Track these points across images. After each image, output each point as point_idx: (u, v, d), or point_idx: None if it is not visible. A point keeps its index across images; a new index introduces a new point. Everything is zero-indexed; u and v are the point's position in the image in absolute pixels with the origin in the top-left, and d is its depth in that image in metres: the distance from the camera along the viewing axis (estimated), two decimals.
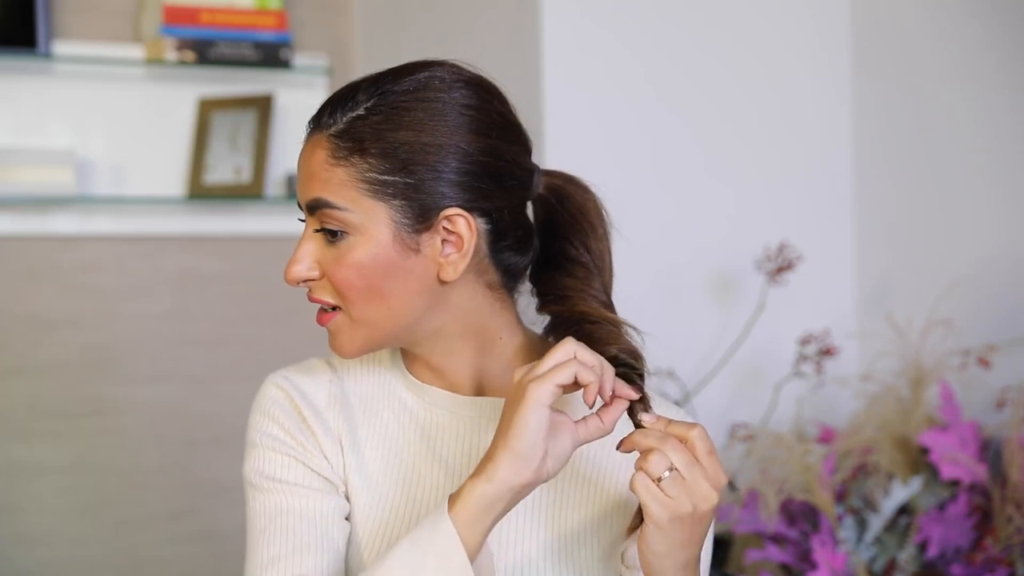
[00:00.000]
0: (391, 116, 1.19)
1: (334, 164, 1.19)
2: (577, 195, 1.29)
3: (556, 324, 1.26)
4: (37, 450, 2.80)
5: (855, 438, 2.12)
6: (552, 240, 1.28)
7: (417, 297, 1.21)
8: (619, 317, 1.25)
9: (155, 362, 2.90)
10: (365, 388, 1.30)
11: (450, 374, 1.27)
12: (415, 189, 1.18)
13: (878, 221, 2.49)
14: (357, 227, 1.19)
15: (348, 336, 1.23)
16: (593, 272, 1.27)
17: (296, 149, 1.27)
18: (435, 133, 1.18)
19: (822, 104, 2.52)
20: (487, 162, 1.20)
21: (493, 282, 1.25)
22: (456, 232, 1.20)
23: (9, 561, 2.76)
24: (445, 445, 1.27)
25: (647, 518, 1.12)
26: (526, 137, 1.26)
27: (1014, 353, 2.16)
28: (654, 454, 1.12)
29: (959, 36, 2.33)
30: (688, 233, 2.41)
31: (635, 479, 1.11)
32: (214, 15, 2.82)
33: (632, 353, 1.19)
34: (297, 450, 1.26)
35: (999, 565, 1.99)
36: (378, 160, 1.18)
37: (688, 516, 1.12)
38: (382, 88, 1.20)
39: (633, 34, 2.38)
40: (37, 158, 2.70)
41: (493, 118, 1.22)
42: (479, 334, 1.26)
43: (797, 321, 2.36)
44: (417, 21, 2.81)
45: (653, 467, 1.11)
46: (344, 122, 1.20)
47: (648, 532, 1.12)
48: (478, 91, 1.22)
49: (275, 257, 2.96)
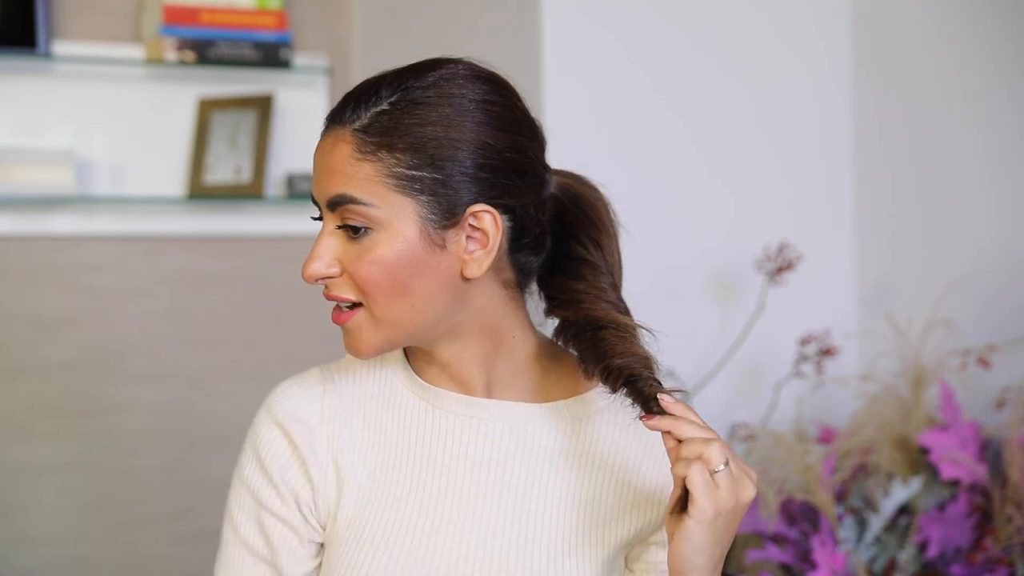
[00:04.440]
0: (416, 111, 1.18)
1: (360, 159, 1.18)
2: (587, 194, 1.29)
3: (565, 328, 1.26)
4: (37, 450, 2.80)
5: (855, 438, 2.12)
6: (561, 240, 1.28)
7: (440, 294, 1.20)
8: (629, 319, 1.24)
9: (155, 362, 2.90)
10: (366, 390, 1.29)
11: (460, 372, 1.26)
12: (443, 185, 1.17)
13: (878, 221, 2.49)
14: (382, 223, 1.17)
15: (368, 335, 1.21)
16: (602, 270, 1.27)
17: (296, 149, 1.26)
18: (462, 128, 1.18)
19: (822, 104, 2.52)
20: (513, 158, 1.20)
21: (508, 281, 1.25)
22: (482, 228, 1.19)
23: (9, 561, 2.76)
24: (446, 448, 1.26)
25: (694, 511, 1.11)
26: (543, 134, 1.26)
27: (1014, 353, 2.16)
28: (714, 445, 1.11)
29: (959, 36, 2.33)
30: (688, 233, 2.41)
31: (693, 469, 1.10)
32: (214, 15, 2.82)
33: (643, 361, 1.19)
34: (276, 506, 1.27)
35: (999, 565, 1.99)
36: (406, 155, 1.17)
37: (730, 511, 1.12)
38: (405, 83, 1.19)
39: (633, 34, 2.38)
40: (37, 158, 2.70)
41: (515, 114, 1.22)
42: (493, 332, 1.25)
43: (797, 321, 2.36)
44: (417, 21, 2.81)
45: (715, 457, 1.11)
46: (368, 117, 1.18)
47: (689, 527, 1.11)
48: (498, 87, 1.22)
49: (275, 257, 2.96)
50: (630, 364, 1.18)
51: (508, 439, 1.26)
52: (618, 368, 1.18)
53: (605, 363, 1.20)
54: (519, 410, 1.27)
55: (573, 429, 1.28)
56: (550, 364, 1.29)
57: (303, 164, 2.93)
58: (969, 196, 2.31)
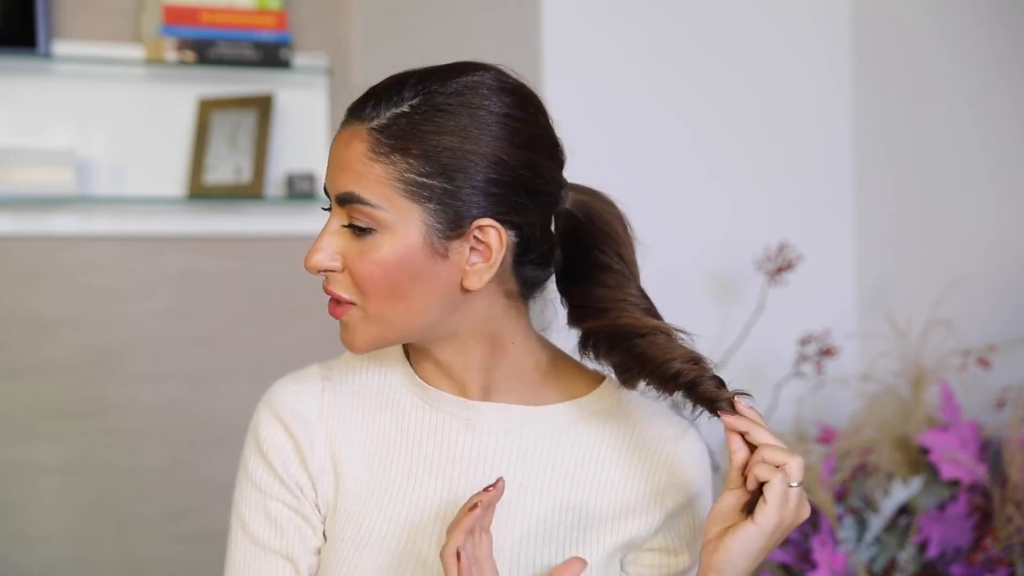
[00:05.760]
0: (435, 118, 1.17)
1: (373, 159, 1.17)
2: (604, 210, 1.28)
3: (598, 340, 1.25)
4: (37, 450, 2.80)
5: (855, 438, 2.12)
6: (579, 252, 1.27)
7: (436, 301, 1.20)
8: (665, 323, 1.23)
9: (155, 362, 2.90)
10: (365, 387, 1.29)
11: (459, 374, 1.26)
12: (451, 195, 1.17)
13: (878, 221, 2.49)
14: (388, 225, 1.17)
15: (361, 331, 1.21)
16: (628, 278, 1.27)
17: (296, 149, 1.26)
18: (478, 141, 1.17)
19: (822, 104, 2.52)
20: (525, 176, 1.19)
21: (511, 291, 1.24)
22: (486, 242, 1.18)
23: (9, 561, 2.76)
24: (443, 449, 1.26)
25: (761, 517, 1.13)
26: (562, 152, 1.25)
27: (1014, 353, 2.17)
28: (797, 459, 1.13)
29: (959, 36, 2.33)
30: (688, 233, 2.41)
31: (777, 478, 1.13)
32: (214, 15, 2.82)
33: (694, 359, 1.19)
34: (283, 495, 1.26)
35: (999, 565, 1.99)
36: (419, 161, 1.16)
37: (788, 527, 1.15)
38: (428, 88, 1.18)
39: (633, 34, 2.38)
40: (37, 158, 2.70)
41: (535, 132, 1.21)
42: (492, 338, 1.25)
43: (797, 321, 2.36)
44: (417, 21, 2.81)
45: (796, 472, 1.13)
46: (387, 117, 1.18)
47: (749, 531, 1.14)
48: (522, 101, 1.21)
49: (275, 257, 2.96)
50: (688, 368, 1.18)
51: (504, 441, 1.26)
52: (674, 373, 1.18)
53: (657, 370, 1.19)
54: (515, 413, 1.27)
55: (569, 432, 1.28)
56: (549, 369, 1.29)
57: (303, 164, 2.93)
58: (969, 196, 2.31)
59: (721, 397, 1.17)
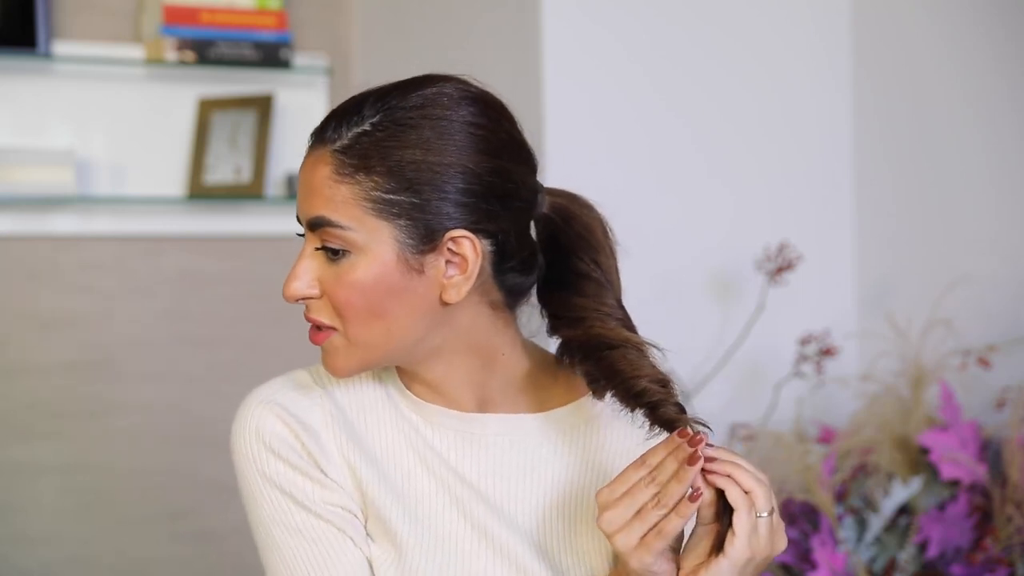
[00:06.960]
0: (397, 133, 1.16)
1: (338, 181, 1.16)
2: (582, 214, 1.26)
3: (572, 348, 1.22)
4: (37, 450, 2.80)
5: (855, 438, 2.12)
6: (558, 258, 1.25)
7: (418, 319, 1.18)
8: (638, 336, 1.21)
9: (154, 362, 2.90)
10: (363, 401, 1.26)
11: (450, 391, 1.24)
12: (420, 209, 1.15)
13: (878, 221, 2.49)
14: (360, 246, 1.16)
15: (344, 357, 1.19)
16: (605, 287, 1.25)
17: (296, 149, 1.26)
18: (443, 152, 1.16)
19: (822, 104, 2.52)
20: (494, 183, 1.18)
21: (496, 301, 1.23)
22: (460, 254, 1.17)
23: (9, 561, 2.76)
24: (446, 464, 1.24)
25: (732, 550, 1.09)
26: (533, 156, 1.24)
27: (1014, 353, 2.17)
28: (764, 490, 1.09)
29: (959, 36, 2.33)
30: (688, 233, 2.41)
31: (742, 509, 1.08)
32: (214, 15, 2.82)
33: (662, 382, 1.16)
34: (313, 490, 1.22)
35: (999, 565, 1.99)
36: (384, 179, 1.15)
37: (762, 560, 1.11)
38: (388, 103, 1.17)
39: (633, 34, 2.38)
40: (37, 158, 2.70)
41: (501, 137, 1.20)
42: (481, 351, 1.23)
43: (797, 321, 2.36)
44: (417, 21, 2.81)
45: (763, 502, 1.09)
46: (349, 137, 1.17)
47: (720, 566, 1.10)
48: (486, 109, 1.20)
49: (275, 257, 2.96)
50: (654, 389, 1.15)
51: (509, 453, 1.25)
52: (640, 391, 1.16)
53: (624, 384, 1.17)
54: (517, 423, 1.25)
55: (572, 436, 1.27)
56: (543, 375, 1.27)
57: None
58: (969, 196, 2.31)
59: (680, 421, 1.13)
